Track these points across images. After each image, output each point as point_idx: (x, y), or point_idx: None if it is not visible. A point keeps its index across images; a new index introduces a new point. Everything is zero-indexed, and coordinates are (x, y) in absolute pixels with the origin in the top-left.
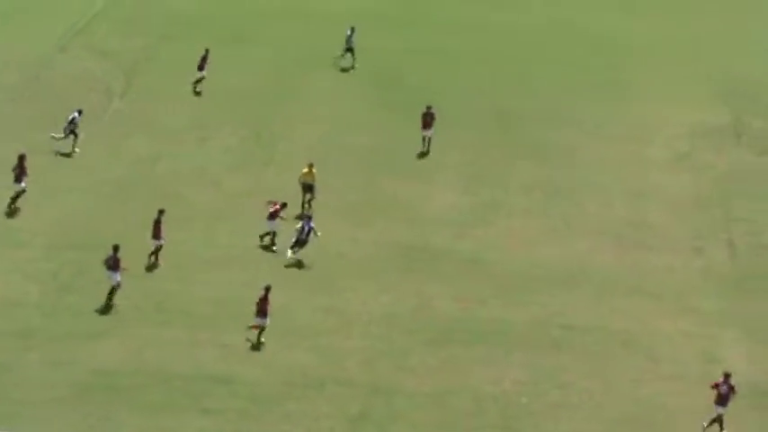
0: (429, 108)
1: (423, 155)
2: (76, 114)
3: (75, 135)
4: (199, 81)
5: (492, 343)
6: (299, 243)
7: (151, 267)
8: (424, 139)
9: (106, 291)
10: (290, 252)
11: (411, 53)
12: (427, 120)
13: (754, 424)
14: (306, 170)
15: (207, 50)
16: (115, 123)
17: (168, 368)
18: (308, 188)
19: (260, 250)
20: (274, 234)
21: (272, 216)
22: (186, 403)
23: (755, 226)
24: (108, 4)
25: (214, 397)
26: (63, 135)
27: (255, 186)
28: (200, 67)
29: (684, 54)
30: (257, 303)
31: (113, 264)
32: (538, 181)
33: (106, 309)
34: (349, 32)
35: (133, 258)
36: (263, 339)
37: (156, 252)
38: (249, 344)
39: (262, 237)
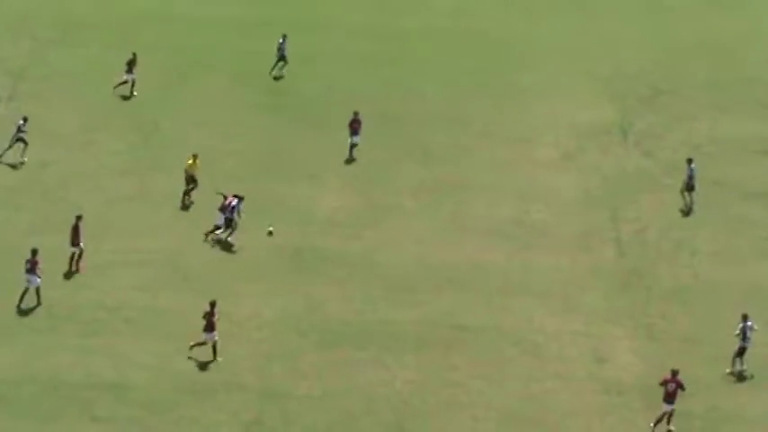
0: (356, 114)
1: (315, 158)
2: (22, 122)
3: (24, 142)
4: (123, 84)
5: (383, 344)
6: (230, 225)
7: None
8: (351, 145)
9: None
10: (225, 236)
11: (302, 58)
12: (354, 126)
13: (644, 421)
14: (190, 161)
15: (134, 54)
16: (1, 129)
17: (58, 376)
18: (190, 179)
19: (149, 254)
20: (218, 228)
21: (224, 209)
22: (76, 411)
23: (641, 224)
24: None
25: (105, 404)
26: (8, 145)
27: (144, 191)
28: (129, 71)
29: (572, 54)
30: (204, 318)
31: (31, 267)
32: (427, 182)
33: None
34: (281, 40)
35: (22, 265)
36: (219, 358)
37: (74, 259)
38: (190, 355)
39: (208, 233)
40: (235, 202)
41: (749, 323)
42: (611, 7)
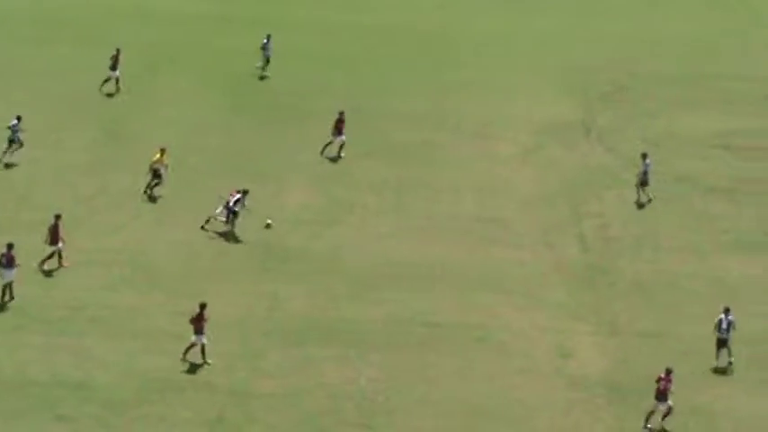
0: (341, 114)
1: (281, 156)
2: (16, 121)
3: (19, 143)
4: (108, 81)
5: (347, 342)
6: (231, 213)
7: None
8: (339, 145)
9: None
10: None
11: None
12: (339, 126)
13: (609, 416)
14: (157, 155)
15: (118, 50)
16: None
17: (23, 374)
18: (155, 174)
19: (115, 253)
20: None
21: (227, 205)
22: (41, 410)
23: (604, 220)
24: None
25: (70, 403)
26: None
27: (110, 189)
28: (113, 68)
29: (534, 51)
30: (193, 321)
31: (7, 261)
32: (390, 179)
33: None
34: (265, 40)
35: None
36: (210, 361)
37: (52, 256)
38: (188, 358)
39: (206, 223)
40: (239, 196)
41: (730, 317)
42: (574, 4)
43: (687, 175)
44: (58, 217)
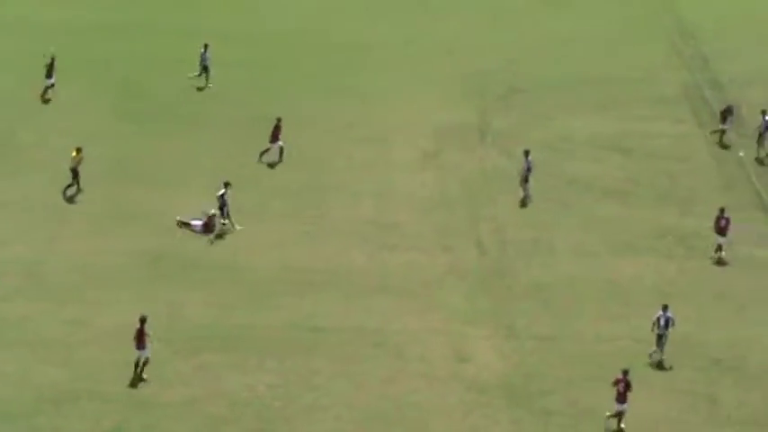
0: (278, 120)
1: (177, 163)
2: None
3: None
4: (49, 88)
5: (245, 348)
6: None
7: None
8: (278, 151)
9: None
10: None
11: (164, 62)
12: (276, 132)
13: (506, 419)
14: (73, 154)
15: (53, 58)
16: None
17: None
18: (74, 173)
19: (7, 263)
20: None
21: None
22: None
23: (500, 223)
24: None
25: None
26: None
27: (2, 199)
28: (49, 75)
29: (435, 56)
30: (135, 335)
31: None
32: (288, 184)
33: None
34: (203, 50)
35: None
36: (144, 376)
37: None
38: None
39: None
40: (223, 191)
41: (668, 314)
42: (467, 9)
43: (581, 178)
44: None
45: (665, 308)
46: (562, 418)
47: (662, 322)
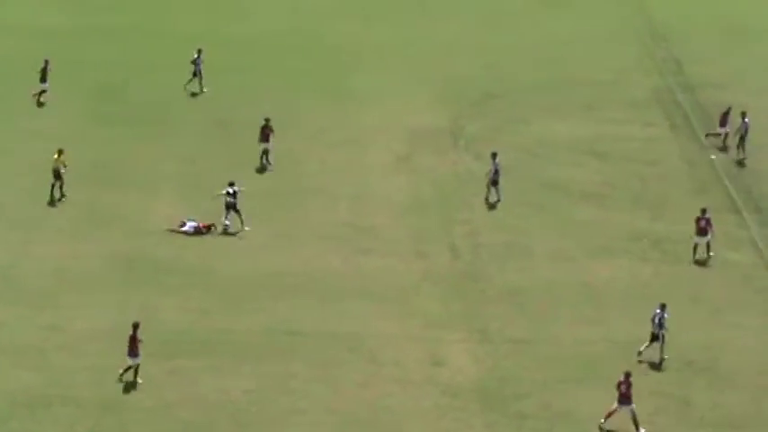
0: (267, 121)
1: (150, 167)
2: None
3: None
4: (42, 93)
5: (220, 353)
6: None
7: None
8: (265, 152)
9: None
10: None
11: (137, 66)
12: (266, 132)
13: (480, 423)
14: (55, 156)
15: (46, 61)
16: None
17: None
18: (56, 174)
19: None
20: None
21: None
22: None
23: (474, 227)
24: None
25: None
26: None
27: None
28: (43, 80)
29: (405, 58)
30: (128, 342)
31: None
32: (262, 188)
33: None
34: (196, 55)
35: None
36: (139, 380)
37: None
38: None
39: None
40: (231, 189)
41: (662, 313)
42: (444, 12)
43: (556, 182)
44: None
45: (662, 306)
46: (536, 421)
47: (656, 321)
